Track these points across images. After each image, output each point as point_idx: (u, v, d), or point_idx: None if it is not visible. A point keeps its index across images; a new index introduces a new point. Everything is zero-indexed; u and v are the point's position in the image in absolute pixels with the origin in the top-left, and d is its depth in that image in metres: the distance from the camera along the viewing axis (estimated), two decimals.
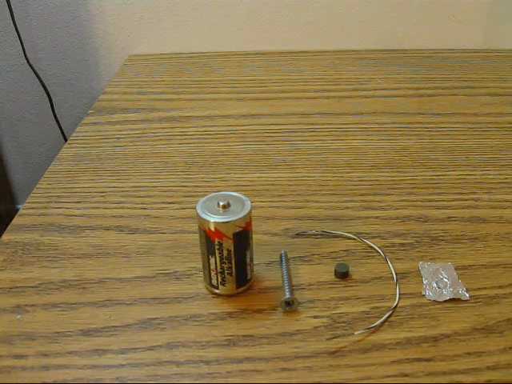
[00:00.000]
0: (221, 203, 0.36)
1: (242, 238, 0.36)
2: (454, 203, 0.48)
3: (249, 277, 0.38)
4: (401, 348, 0.34)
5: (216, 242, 0.35)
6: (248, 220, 0.36)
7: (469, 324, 0.36)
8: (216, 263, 0.37)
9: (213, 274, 0.37)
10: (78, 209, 0.48)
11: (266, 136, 0.61)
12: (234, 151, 0.58)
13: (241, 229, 0.35)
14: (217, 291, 0.38)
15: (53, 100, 0.91)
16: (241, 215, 0.35)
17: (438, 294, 0.38)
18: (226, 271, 0.37)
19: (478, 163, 0.55)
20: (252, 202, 0.49)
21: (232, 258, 0.36)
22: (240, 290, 0.38)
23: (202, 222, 0.36)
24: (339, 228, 0.45)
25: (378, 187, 0.51)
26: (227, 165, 0.55)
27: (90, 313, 0.37)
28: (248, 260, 0.37)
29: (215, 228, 0.35)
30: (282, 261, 0.40)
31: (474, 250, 0.42)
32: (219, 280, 0.37)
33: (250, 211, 0.36)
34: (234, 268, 0.37)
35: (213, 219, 0.35)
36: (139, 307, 0.38)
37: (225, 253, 0.36)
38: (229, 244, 0.35)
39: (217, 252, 0.36)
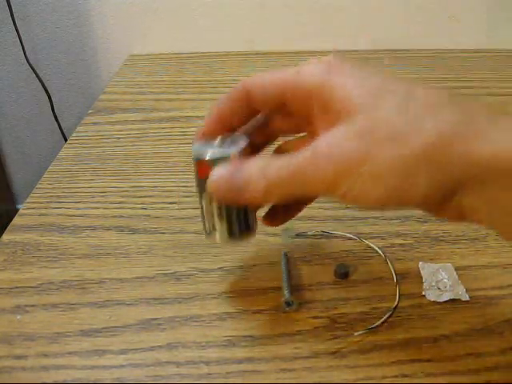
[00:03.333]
0: (217, 140, 0.33)
1: None
2: None
3: (244, 225, 0.34)
4: (401, 348, 0.34)
5: (204, 179, 0.32)
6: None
7: (469, 325, 0.36)
8: (207, 204, 0.33)
9: (205, 217, 0.34)
10: (78, 209, 0.48)
11: None
12: None
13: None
14: (210, 239, 0.34)
15: (53, 100, 0.91)
16: (232, 152, 0.32)
17: (438, 294, 0.38)
18: (217, 212, 0.33)
19: None
20: None
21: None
22: (233, 238, 0.34)
23: (196, 154, 0.33)
24: (339, 228, 0.45)
25: None
26: None
27: (89, 313, 0.37)
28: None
29: (206, 164, 0.32)
30: (282, 261, 0.40)
31: (474, 250, 0.42)
32: (211, 224, 0.34)
33: (246, 148, 0.33)
34: (224, 209, 0.33)
35: (205, 155, 0.32)
36: (139, 307, 0.38)
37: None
38: None
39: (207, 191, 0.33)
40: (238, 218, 0.34)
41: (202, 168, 0.32)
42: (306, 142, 0.30)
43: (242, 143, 0.33)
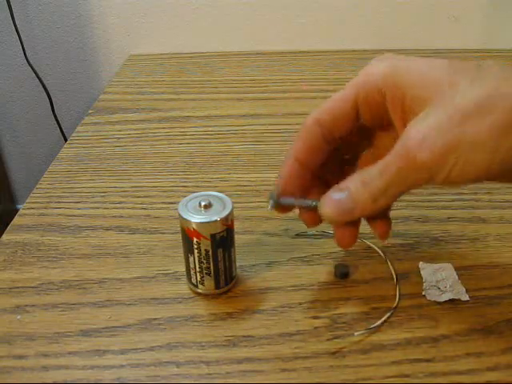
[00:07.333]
0: (202, 203, 0.36)
1: (221, 238, 0.36)
2: (454, 203, 0.48)
3: (229, 278, 0.38)
4: (401, 348, 0.34)
5: (194, 242, 0.36)
6: (228, 222, 0.36)
7: (469, 325, 0.36)
8: (195, 262, 0.37)
9: (192, 272, 0.38)
10: (78, 209, 0.48)
11: (266, 136, 0.61)
12: (233, 151, 0.58)
13: (219, 230, 0.35)
14: (197, 290, 0.38)
15: (53, 100, 0.91)
16: (219, 217, 0.35)
17: (438, 294, 0.38)
18: (205, 271, 0.37)
19: None
20: (251, 203, 0.49)
21: (210, 258, 0.36)
22: (219, 290, 0.38)
23: (182, 221, 0.36)
24: None
25: None
26: (227, 165, 0.55)
27: (90, 313, 0.37)
28: (227, 261, 0.37)
29: (193, 228, 0.35)
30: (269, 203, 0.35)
31: (474, 250, 0.42)
32: (198, 279, 0.38)
33: (231, 213, 0.36)
34: (212, 268, 0.37)
35: (192, 219, 0.35)
36: (139, 307, 0.38)
37: (203, 252, 0.36)
38: (206, 244, 0.36)
39: (195, 251, 0.36)
40: (224, 274, 0.38)
41: (191, 231, 0.35)
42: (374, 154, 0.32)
43: (229, 206, 0.36)
